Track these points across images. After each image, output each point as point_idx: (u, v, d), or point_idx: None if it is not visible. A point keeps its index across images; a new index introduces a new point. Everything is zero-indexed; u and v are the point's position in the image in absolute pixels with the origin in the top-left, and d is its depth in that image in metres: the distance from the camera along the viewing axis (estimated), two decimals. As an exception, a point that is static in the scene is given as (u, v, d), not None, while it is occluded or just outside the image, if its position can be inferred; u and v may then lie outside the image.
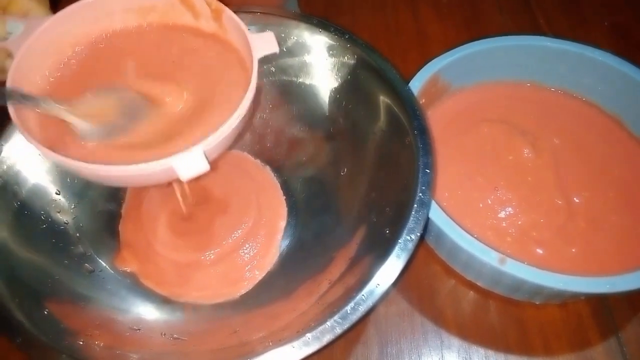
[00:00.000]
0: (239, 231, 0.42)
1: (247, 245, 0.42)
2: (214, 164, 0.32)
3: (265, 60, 0.32)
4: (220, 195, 0.45)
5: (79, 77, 0.34)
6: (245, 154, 0.48)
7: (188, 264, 0.41)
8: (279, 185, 0.46)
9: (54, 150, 0.28)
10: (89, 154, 0.30)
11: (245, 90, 0.30)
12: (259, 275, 0.41)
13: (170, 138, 0.31)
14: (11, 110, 0.29)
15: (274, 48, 0.32)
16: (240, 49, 0.34)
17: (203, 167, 0.28)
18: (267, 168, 0.47)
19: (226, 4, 0.34)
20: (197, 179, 0.28)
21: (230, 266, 0.41)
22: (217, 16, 0.34)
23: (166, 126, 0.32)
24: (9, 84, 0.30)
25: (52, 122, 0.31)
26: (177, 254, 0.41)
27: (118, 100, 0.32)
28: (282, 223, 0.44)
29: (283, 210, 0.45)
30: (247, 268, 0.41)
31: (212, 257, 0.41)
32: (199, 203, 0.43)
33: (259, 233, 0.43)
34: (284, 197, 0.46)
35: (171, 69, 0.35)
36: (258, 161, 0.48)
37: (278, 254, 0.42)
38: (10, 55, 0.32)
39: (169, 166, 0.27)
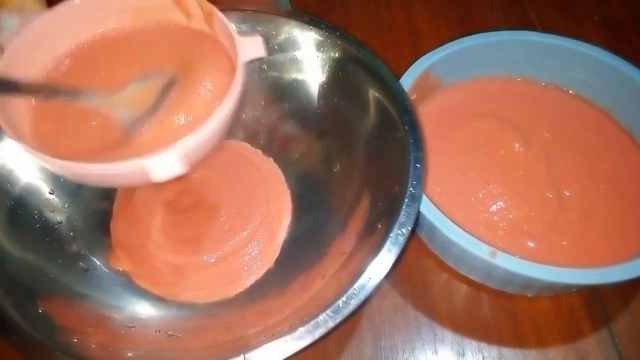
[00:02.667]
0: (245, 232, 0.41)
1: (249, 245, 0.41)
2: (215, 155, 0.31)
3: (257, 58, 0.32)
4: (227, 188, 0.43)
5: (70, 75, 0.34)
6: (246, 144, 0.47)
7: (185, 266, 0.41)
8: (284, 178, 0.45)
9: (34, 147, 0.27)
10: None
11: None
12: (256, 274, 0.41)
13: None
14: None
15: (260, 52, 0.32)
16: (229, 51, 0.34)
17: (177, 169, 0.26)
18: (271, 159, 0.46)
19: (218, 2, 0.34)
20: (200, 171, 0.28)
21: (229, 267, 0.41)
22: (208, 18, 0.35)
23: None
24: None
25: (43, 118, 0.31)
26: (174, 257, 0.41)
27: (153, 85, 0.32)
28: (286, 221, 0.43)
29: (288, 205, 0.44)
30: (245, 268, 0.41)
31: (213, 260, 0.41)
32: (201, 200, 0.43)
33: (264, 232, 0.42)
34: (289, 191, 0.45)
35: (159, 62, 0.35)
36: (259, 152, 0.47)
37: (278, 253, 0.42)
38: (3, 51, 0.31)
39: (141, 167, 0.26)
